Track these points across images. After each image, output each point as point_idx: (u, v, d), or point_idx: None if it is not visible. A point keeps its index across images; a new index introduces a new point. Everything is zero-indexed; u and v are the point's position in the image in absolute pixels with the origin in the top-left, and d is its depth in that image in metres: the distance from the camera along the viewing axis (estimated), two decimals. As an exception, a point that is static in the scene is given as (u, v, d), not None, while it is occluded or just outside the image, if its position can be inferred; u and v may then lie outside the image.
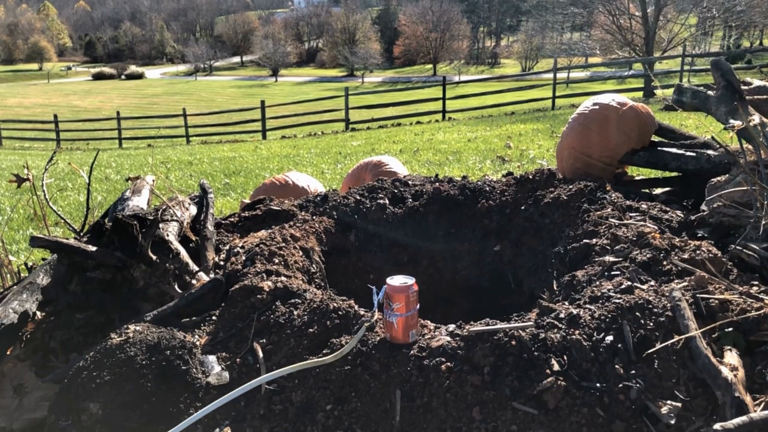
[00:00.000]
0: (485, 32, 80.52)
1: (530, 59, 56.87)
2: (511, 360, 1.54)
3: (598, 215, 2.35)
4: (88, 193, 2.85)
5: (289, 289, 1.96)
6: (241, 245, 2.39)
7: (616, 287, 1.79)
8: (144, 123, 25.67)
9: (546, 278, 2.43)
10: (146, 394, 1.60)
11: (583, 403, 1.46)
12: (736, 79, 2.63)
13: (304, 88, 50.71)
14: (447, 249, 2.86)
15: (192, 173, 9.63)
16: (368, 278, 2.82)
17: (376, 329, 1.72)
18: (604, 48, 27.92)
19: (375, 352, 1.64)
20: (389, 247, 2.82)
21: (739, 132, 2.21)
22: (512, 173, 3.16)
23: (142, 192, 2.80)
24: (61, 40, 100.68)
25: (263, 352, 1.75)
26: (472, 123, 16.35)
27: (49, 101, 44.33)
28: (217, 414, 1.60)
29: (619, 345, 1.57)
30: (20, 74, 78.45)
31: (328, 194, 2.94)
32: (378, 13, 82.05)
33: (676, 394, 1.48)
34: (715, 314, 1.64)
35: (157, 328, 1.79)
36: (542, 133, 11.29)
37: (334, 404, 1.58)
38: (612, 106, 2.89)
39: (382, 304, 1.69)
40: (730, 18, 25.35)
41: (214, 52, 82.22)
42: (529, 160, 8.00)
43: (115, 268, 2.09)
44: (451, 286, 2.87)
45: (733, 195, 2.17)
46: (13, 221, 6.31)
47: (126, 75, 73.41)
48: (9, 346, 1.88)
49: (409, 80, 52.15)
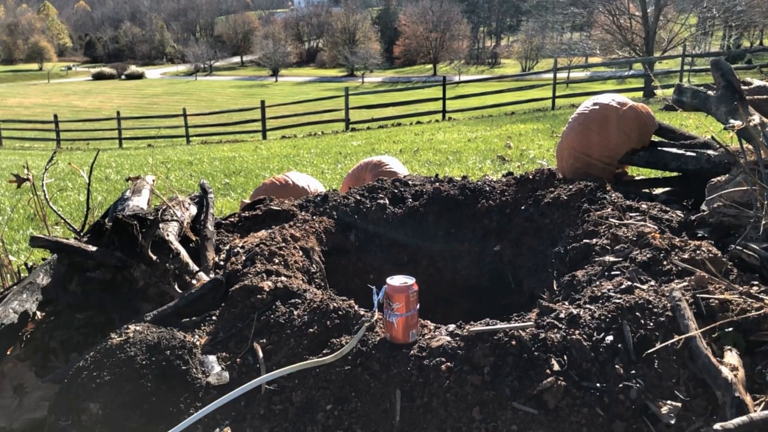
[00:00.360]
0: (485, 32, 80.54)
1: (530, 59, 56.88)
2: (511, 360, 1.54)
3: (598, 215, 2.35)
4: (88, 193, 2.85)
5: (289, 289, 1.96)
6: (241, 245, 2.39)
7: (616, 287, 1.79)
8: (144, 123, 25.67)
9: (546, 278, 2.43)
10: (146, 394, 1.60)
11: (583, 403, 1.46)
12: (736, 79, 2.63)
13: (304, 88, 50.72)
14: (447, 249, 2.86)
15: (192, 173, 9.63)
16: (368, 278, 2.82)
17: (376, 329, 1.72)
18: (604, 48, 27.92)
19: (375, 352, 1.64)
20: (389, 247, 2.82)
21: (739, 132, 2.21)
22: (512, 173, 3.16)
23: (142, 192, 2.80)
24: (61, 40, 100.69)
25: (263, 352, 1.75)
26: (472, 123, 16.35)
27: (49, 101, 44.34)
28: (217, 414, 1.60)
29: (619, 345, 1.57)
30: (20, 74, 78.47)
31: (328, 194, 2.94)
32: (378, 13, 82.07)
33: (676, 394, 1.48)
34: (715, 314, 1.64)
35: (157, 328, 1.79)
36: (542, 133, 11.29)
37: (334, 404, 1.58)
38: (612, 106, 2.89)
39: (382, 304, 1.69)
40: (730, 18, 25.35)
41: (214, 52, 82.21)
42: (529, 160, 8.00)
43: (115, 268, 2.09)
44: (451, 286, 2.87)
45: (733, 195, 2.17)
46: (13, 221, 6.31)
47: (126, 75, 73.41)
48: (9, 346, 1.89)
49: (409, 80, 52.16)
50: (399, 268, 2.84)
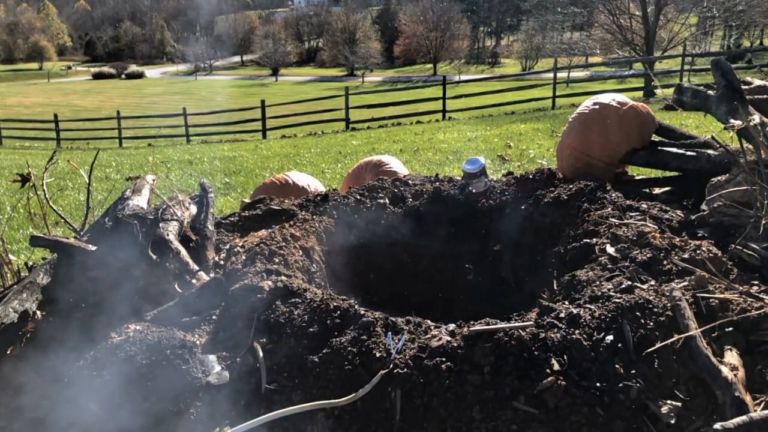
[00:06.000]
0: (485, 32, 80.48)
1: (530, 59, 56.82)
2: (512, 359, 1.54)
3: (599, 215, 2.35)
4: (88, 192, 2.85)
5: (289, 289, 1.95)
6: (241, 245, 2.39)
7: (617, 287, 1.79)
8: (144, 122, 25.63)
9: (546, 278, 2.43)
10: (146, 394, 1.60)
11: (583, 403, 1.46)
12: (737, 79, 2.62)
13: (305, 88, 50.67)
14: (447, 248, 2.85)
15: (192, 172, 9.62)
16: (368, 278, 2.83)
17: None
18: (604, 47, 27.92)
19: (375, 352, 1.64)
20: (389, 247, 2.82)
21: (739, 132, 2.21)
22: (512, 173, 3.15)
23: (142, 191, 2.80)
24: (61, 39, 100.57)
25: (263, 351, 1.75)
26: (472, 122, 16.34)
27: (49, 100, 44.30)
28: (217, 414, 1.61)
29: (620, 344, 1.57)
30: (20, 74, 78.42)
31: (328, 194, 2.94)
32: (378, 13, 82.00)
33: (676, 393, 1.48)
34: (715, 314, 1.64)
35: (158, 328, 1.79)
36: (542, 133, 11.28)
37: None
38: (612, 106, 2.88)
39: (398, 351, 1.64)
40: (730, 17, 25.35)
41: (215, 51, 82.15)
42: (530, 160, 7.99)
43: (115, 267, 2.09)
44: (451, 285, 2.86)
45: (733, 195, 2.17)
46: (13, 220, 6.31)
47: (126, 74, 73.32)
48: (9, 346, 1.88)
49: (410, 80, 52.11)
50: (399, 267, 2.84)
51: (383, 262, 2.82)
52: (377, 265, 2.81)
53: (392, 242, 2.83)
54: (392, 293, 2.81)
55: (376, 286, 2.81)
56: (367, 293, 2.72)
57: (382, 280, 2.83)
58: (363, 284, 2.78)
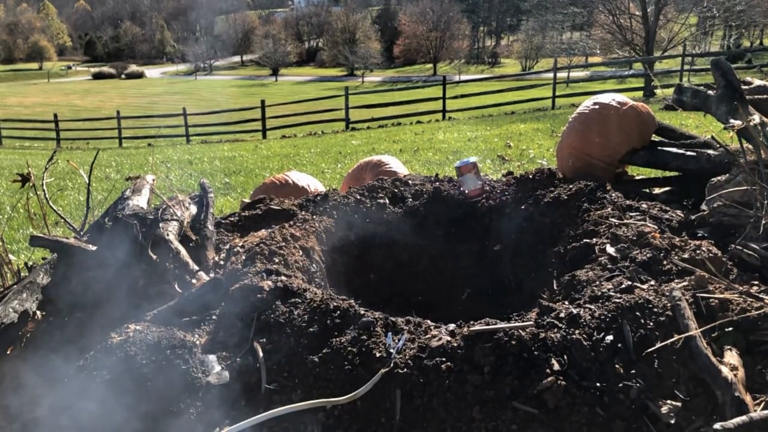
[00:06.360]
0: (485, 32, 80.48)
1: (530, 59, 56.81)
2: (511, 359, 1.54)
3: (598, 215, 2.35)
4: (88, 192, 2.85)
5: (289, 289, 1.95)
6: (241, 244, 2.39)
7: (616, 287, 1.79)
8: (144, 122, 25.62)
9: (546, 278, 2.43)
10: (146, 394, 1.60)
11: (583, 403, 1.46)
12: (737, 79, 2.62)
13: (304, 88, 50.67)
14: (447, 248, 2.85)
15: (192, 172, 9.62)
16: (368, 278, 2.83)
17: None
18: (604, 47, 27.93)
19: (375, 352, 1.64)
20: (389, 247, 2.82)
21: (739, 131, 2.21)
22: (512, 173, 3.15)
23: (142, 191, 2.80)
24: (61, 39, 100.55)
25: (263, 351, 1.75)
26: (472, 122, 16.34)
27: (49, 100, 44.29)
28: (217, 414, 1.61)
29: (619, 344, 1.57)
30: (20, 73, 78.41)
31: (328, 194, 2.94)
32: (378, 13, 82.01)
33: (676, 393, 1.48)
34: (715, 314, 1.64)
35: (158, 328, 1.79)
36: (542, 133, 11.28)
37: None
38: (612, 106, 2.88)
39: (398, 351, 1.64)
40: (730, 17, 25.36)
41: (215, 51, 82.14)
42: (529, 160, 7.99)
43: (115, 267, 2.09)
44: (451, 285, 2.86)
45: (733, 195, 2.17)
46: (13, 220, 6.31)
47: (126, 74, 73.32)
48: (9, 346, 1.88)
49: (410, 80, 52.10)
50: (399, 267, 2.84)
51: (383, 262, 2.82)
52: (377, 265, 2.81)
53: (392, 242, 2.83)
54: (392, 293, 2.81)
55: (376, 286, 2.81)
56: (367, 293, 2.72)
57: (382, 280, 2.83)
58: (363, 284, 2.77)
